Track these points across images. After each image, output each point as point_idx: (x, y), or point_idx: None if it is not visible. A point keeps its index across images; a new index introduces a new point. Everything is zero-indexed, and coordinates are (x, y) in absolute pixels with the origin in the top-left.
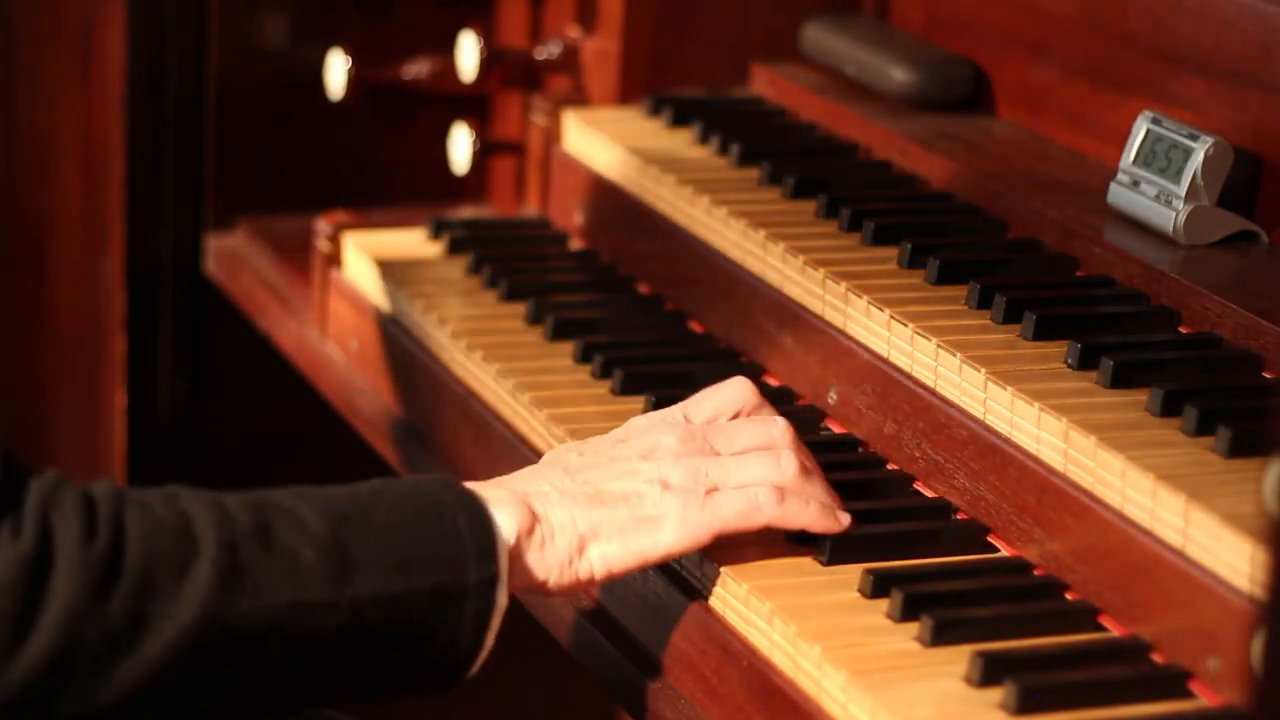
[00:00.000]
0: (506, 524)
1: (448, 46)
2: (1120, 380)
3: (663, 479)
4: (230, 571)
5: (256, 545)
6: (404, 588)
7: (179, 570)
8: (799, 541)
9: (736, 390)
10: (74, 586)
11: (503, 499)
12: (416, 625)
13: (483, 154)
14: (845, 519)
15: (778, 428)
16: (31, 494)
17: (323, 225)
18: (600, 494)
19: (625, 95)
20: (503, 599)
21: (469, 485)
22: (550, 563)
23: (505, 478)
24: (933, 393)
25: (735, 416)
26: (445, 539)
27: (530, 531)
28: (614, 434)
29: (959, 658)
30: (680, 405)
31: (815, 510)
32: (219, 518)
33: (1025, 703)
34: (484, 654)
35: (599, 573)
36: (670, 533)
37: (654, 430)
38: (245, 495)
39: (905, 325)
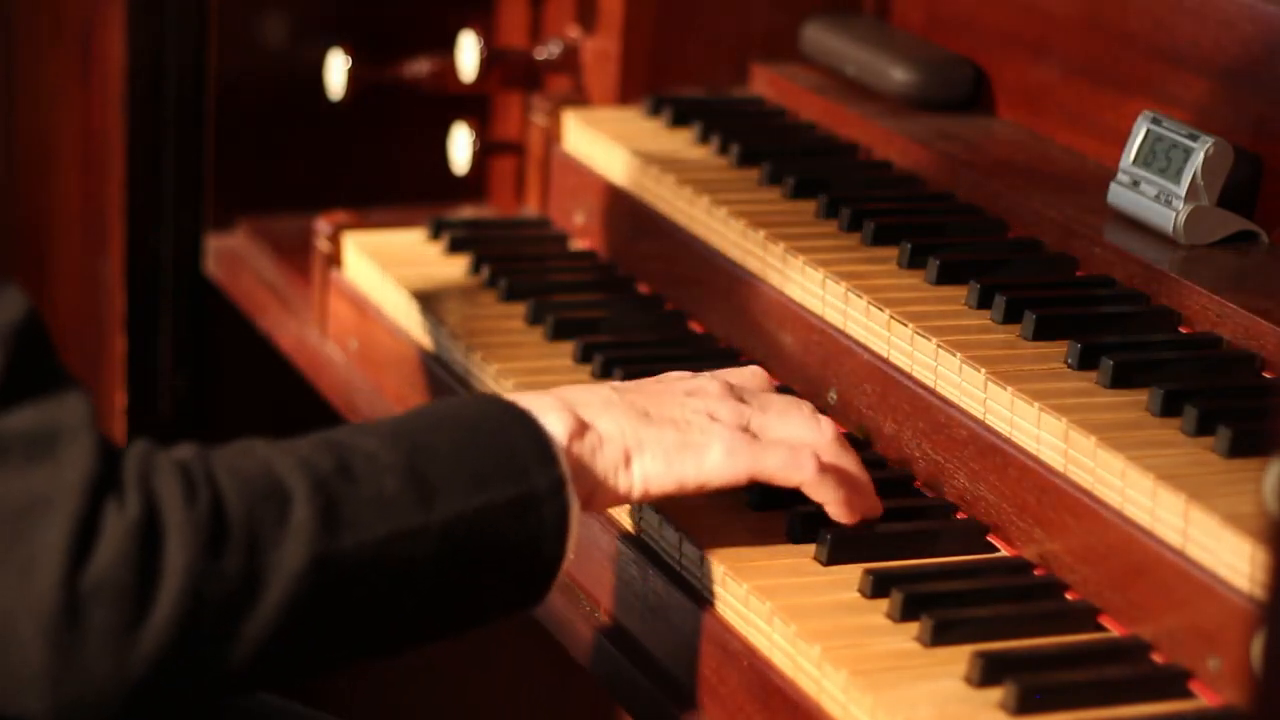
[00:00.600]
0: (555, 428)
1: (448, 46)
2: (1120, 380)
3: (710, 411)
4: (326, 511)
5: (343, 481)
6: (483, 502)
7: (279, 518)
8: (799, 540)
9: (755, 374)
10: (188, 549)
11: (548, 405)
12: (501, 536)
13: (483, 154)
14: (878, 506)
15: (807, 404)
16: (129, 465)
17: (323, 225)
18: (649, 413)
19: (625, 95)
20: (575, 502)
21: (513, 397)
22: (599, 469)
23: (548, 390)
24: (933, 393)
25: None
26: (506, 452)
27: (579, 434)
28: (651, 379)
29: (959, 658)
30: (706, 374)
31: (845, 497)
32: (299, 460)
33: (1025, 703)
34: (567, 558)
35: (638, 490)
36: (714, 460)
37: (694, 379)
38: (311, 437)
39: (905, 325)
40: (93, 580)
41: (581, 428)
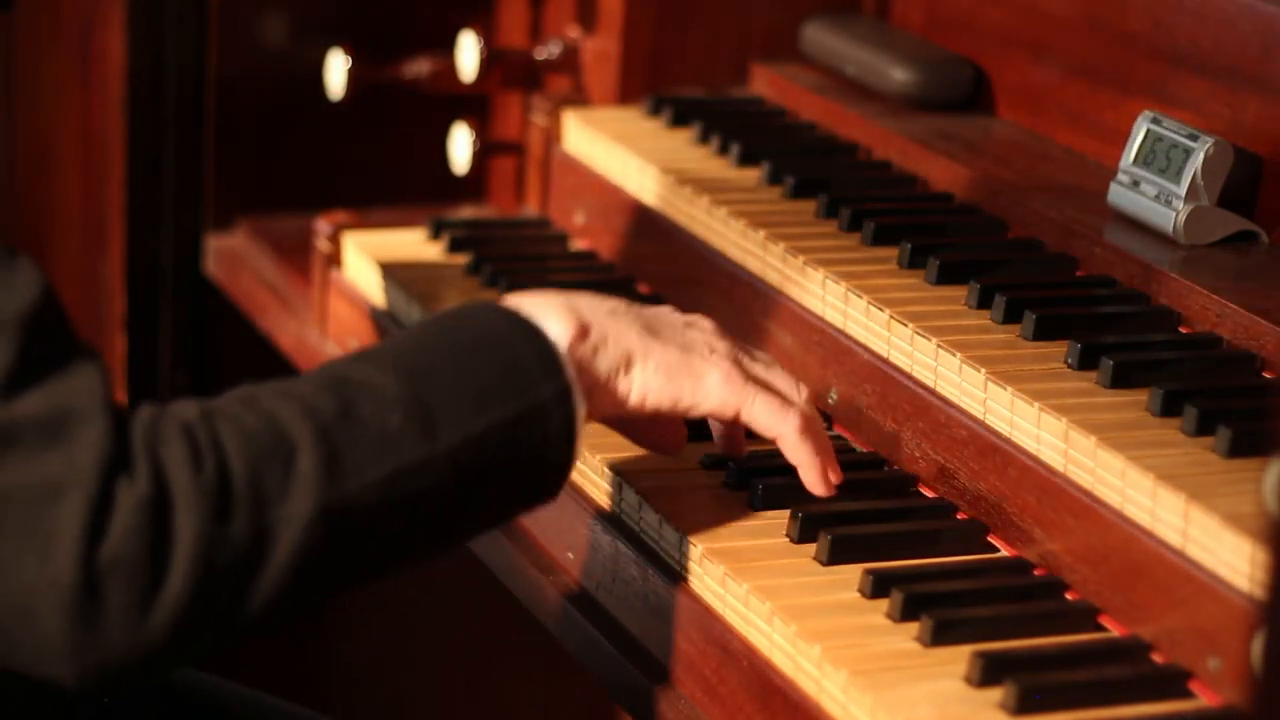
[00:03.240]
0: (557, 331)
1: (448, 46)
2: (1120, 380)
3: (709, 344)
4: (331, 458)
5: (346, 424)
6: (488, 423)
7: (284, 471)
8: (800, 540)
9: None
10: (197, 519)
11: (550, 307)
12: (509, 453)
13: (483, 154)
14: (834, 481)
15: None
16: (136, 436)
17: (323, 225)
18: (654, 327)
19: (625, 95)
20: (581, 405)
21: (514, 302)
22: (601, 370)
23: (555, 291)
24: (933, 393)
25: None
26: (510, 366)
27: (582, 336)
28: (650, 308)
29: (959, 658)
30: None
31: (819, 462)
32: (302, 408)
33: (1025, 703)
34: (576, 459)
35: (634, 399)
36: (710, 386)
37: (687, 318)
38: (315, 375)
39: (905, 325)
40: (108, 558)
41: (584, 329)
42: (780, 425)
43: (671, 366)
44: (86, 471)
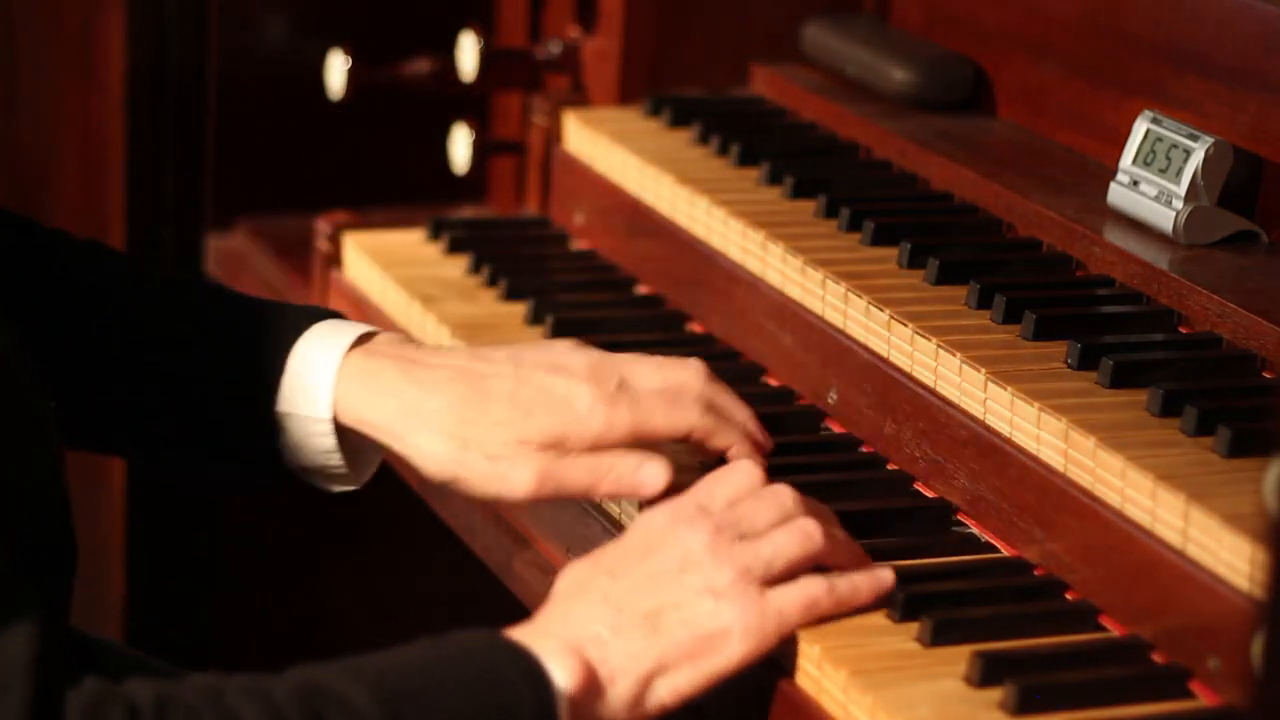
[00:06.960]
0: (563, 680)
1: (448, 46)
2: (1120, 380)
3: (711, 587)
4: None
5: None
6: None
7: None
8: None
9: (748, 474)
10: None
11: (554, 650)
12: None
13: (483, 154)
14: (888, 577)
15: (788, 496)
16: (71, 713)
17: (323, 225)
18: (655, 621)
19: (625, 95)
20: None
21: (517, 638)
22: (615, 705)
23: (545, 619)
24: (933, 393)
25: None
26: (506, 716)
27: (587, 683)
28: (631, 542)
29: (959, 658)
30: (690, 495)
31: (866, 588)
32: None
33: (1025, 703)
34: None
35: (670, 701)
36: (739, 645)
37: (676, 532)
38: (295, 679)
39: (905, 325)
40: None
41: (589, 672)
42: (817, 614)
43: (693, 655)
44: None
